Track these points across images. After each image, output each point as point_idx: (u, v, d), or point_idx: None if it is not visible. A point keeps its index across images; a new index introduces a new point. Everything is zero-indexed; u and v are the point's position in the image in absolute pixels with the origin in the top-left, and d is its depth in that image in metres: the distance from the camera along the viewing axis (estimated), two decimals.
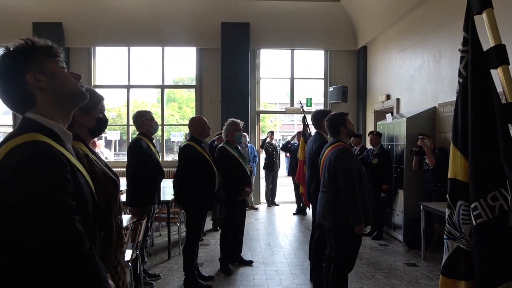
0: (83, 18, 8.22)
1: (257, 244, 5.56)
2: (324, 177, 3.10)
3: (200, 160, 3.72)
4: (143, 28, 8.38)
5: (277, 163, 8.65)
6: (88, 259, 1.05)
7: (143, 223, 3.49)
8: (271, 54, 9.41)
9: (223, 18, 8.26)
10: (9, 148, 1.01)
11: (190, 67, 9.14)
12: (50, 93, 1.15)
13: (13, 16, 8.02)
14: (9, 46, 1.12)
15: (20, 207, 0.96)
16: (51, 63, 1.17)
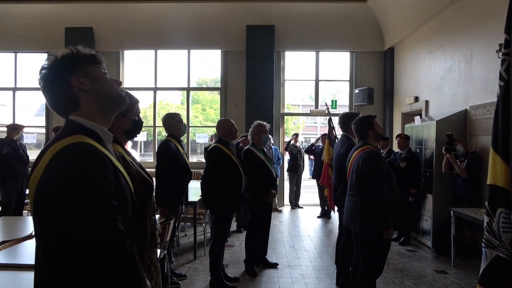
0: (112, 23, 8.45)
1: (281, 246, 5.54)
2: (352, 180, 3.07)
3: (228, 162, 3.75)
4: (169, 31, 8.53)
5: (301, 166, 8.61)
6: (129, 258, 1.08)
7: (171, 223, 3.54)
8: (296, 56, 9.38)
9: (248, 21, 8.31)
10: (56, 150, 1.06)
11: (214, 69, 9.23)
12: (92, 96, 1.20)
13: (47, 21, 8.33)
14: (56, 54, 1.19)
15: (66, 206, 1.00)
16: (94, 68, 1.23)
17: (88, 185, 1.02)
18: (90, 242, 1.01)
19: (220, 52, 8.81)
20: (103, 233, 1.02)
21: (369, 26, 8.39)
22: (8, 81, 9.11)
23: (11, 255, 2.68)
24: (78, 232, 1.00)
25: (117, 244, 1.04)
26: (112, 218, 1.04)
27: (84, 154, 1.05)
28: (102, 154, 1.10)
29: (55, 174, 1.03)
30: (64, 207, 1.00)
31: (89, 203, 1.01)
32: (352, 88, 8.80)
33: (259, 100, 8.25)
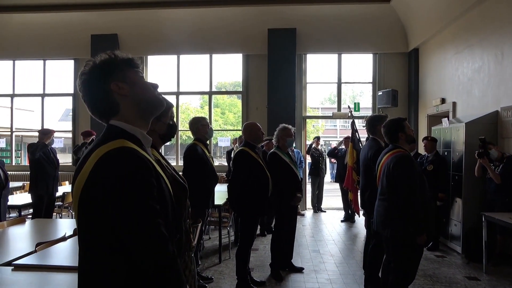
0: (136, 29, 8.62)
1: (306, 251, 5.49)
2: (382, 184, 3.01)
3: (254, 166, 3.75)
4: (192, 36, 8.64)
5: (323, 169, 8.53)
6: (172, 262, 1.09)
7: (199, 227, 3.56)
8: (317, 58, 9.33)
9: (270, 24, 8.32)
10: (100, 155, 1.07)
11: (235, 73, 9.28)
12: (131, 100, 1.21)
13: (74, 29, 8.57)
14: (95, 59, 1.21)
15: (111, 211, 1.02)
16: (132, 73, 1.24)
17: (132, 190, 1.03)
18: (133, 246, 1.02)
19: (242, 56, 8.85)
20: (147, 237, 1.03)
21: (392, 27, 8.26)
22: (37, 88, 9.41)
23: (45, 257, 2.74)
24: (122, 236, 1.02)
25: (160, 248, 1.05)
26: (155, 222, 1.05)
27: (127, 159, 1.07)
28: (144, 158, 1.11)
29: (99, 179, 1.04)
30: (108, 211, 1.02)
31: (133, 207, 1.02)
32: (375, 90, 8.68)
33: (281, 103, 8.24)
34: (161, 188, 1.15)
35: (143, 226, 1.03)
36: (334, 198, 10.50)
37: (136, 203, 1.03)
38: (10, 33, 8.82)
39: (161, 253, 1.05)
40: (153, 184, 1.09)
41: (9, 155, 9.81)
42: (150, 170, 1.10)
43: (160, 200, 1.12)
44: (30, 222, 4.20)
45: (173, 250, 1.09)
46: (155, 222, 1.05)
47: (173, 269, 1.09)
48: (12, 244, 3.33)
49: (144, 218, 1.03)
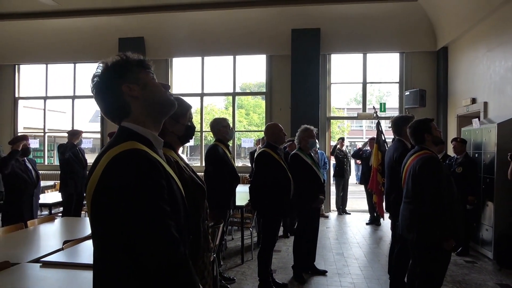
0: (162, 32, 8.77)
1: (329, 253, 5.41)
2: (408, 187, 2.92)
3: (276, 167, 3.73)
4: (216, 38, 8.70)
5: (348, 170, 8.40)
6: (183, 263, 1.08)
7: (220, 227, 3.57)
8: (342, 58, 9.19)
9: (294, 24, 8.27)
10: (111, 156, 1.08)
11: (259, 74, 9.29)
12: (142, 102, 1.21)
13: (102, 33, 8.82)
14: (107, 61, 1.23)
15: (121, 212, 1.02)
16: (143, 74, 1.25)
17: (142, 192, 1.03)
18: (143, 247, 1.02)
19: (265, 57, 8.84)
20: (156, 238, 1.03)
21: (420, 26, 8.03)
22: (68, 90, 9.75)
23: (72, 254, 2.82)
24: (132, 238, 1.02)
25: (171, 249, 1.05)
26: (165, 224, 1.05)
27: (137, 161, 1.07)
28: (155, 160, 1.11)
29: (110, 181, 1.05)
30: (118, 213, 1.02)
31: (143, 208, 1.03)
32: (402, 90, 8.46)
33: (305, 104, 8.17)
34: (172, 189, 1.15)
35: (153, 227, 1.03)
36: (359, 200, 10.33)
37: (146, 204, 1.03)
38: (43, 39, 9.17)
39: (172, 254, 1.04)
40: (163, 186, 1.09)
41: (42, 155, 10.19)
42: (160, 172, 1.10)
43: (171, 201, 1.12)
44: (59, 220, 4.35)
45: (184, 251, 1.09)
46: (165, 223, 1.05)
47: (185, 270, 1.08)
48: (41, 241, 3.45)
49: (153, 219, 1.03)
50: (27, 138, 4.77)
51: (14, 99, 9.68)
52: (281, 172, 3.75)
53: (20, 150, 4.60)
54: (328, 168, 8.42)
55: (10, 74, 9.69)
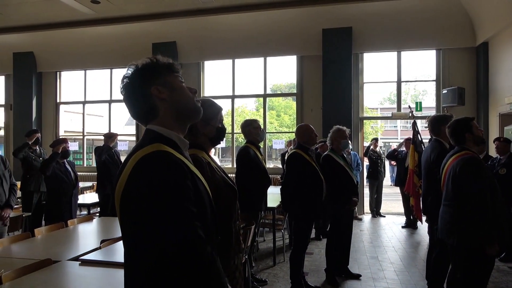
0: (193, 36, 8.93)
1: (363, 257, 5.28)
2: (447, 189, 2.79)
3: (308, 168, 3.68)
4: (246, 40, 8.75)
5: (382, 172, 8.18)
6: (210, 264, 1.08)
7: (252, 229, 3.57)
8: (375, 57, 8.98)
9: (324, 24, 8.17)
10: (138, 158, 1.10)
11: (289, 75, 9.26)
12: (170, 105, 1.23)
13: (137, 39, 9.09)
14: (137, 64, 1.25)
15: (148, 214, 1.04)
16: (172, 78, 1.26)
17: (168, 192, 1.04)
18: (171, 249, 1.03)
19: (296, 58, 8.78)
20: (183, 239, 1.03)
21: (458, 21, 7.70)
22: (105, 95, 10.13)
23: (109, 253, 2.91)
24: (158, 238, 1.03)
25: (198, 250, 1.05)
26: (192, 225, 1.06)
27: (163, 162, 1.08)
28: (180, 161, 1.12)
29: (136, 182, 1.07)
30: (145, 214, 1.04)
31: (169, 209, 1.04)
32: (439, 88, 8.14)
33: (337, 104, 8.04)
34: (198, 190, 1.16)
35: (179, 228, 1.03)
36: (394, 202, 10.05)
37: (171, 205, 1.04)
38: (82, 46, 9.58)
39: (198, 255, 1.05)
40: (189, 186, 1.10)
41: (81, 157, 10.64)
42: (185, 173, 1.11)
43: (197, 202, 1.12)
44: (97, 220, 4.51)
45: (211, 252, 1.09)
46: (191, 223, 1.06)
47: (212, 270, 1.09)
48: (80, 240, 3.59)
49: (179, 220, 1.04)
50: (66, 141, 4.99)
51: (55, 104, 10.16)
52: (313, 174, 3.70)
53: (60, 152, 4.80)
54: (361, 170, 8.23)
55: (52, 80, 10.19)
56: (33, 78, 9.88)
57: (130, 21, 8.70)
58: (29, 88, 9.84)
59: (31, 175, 5.57)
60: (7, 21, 8.83)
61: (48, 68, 10.08)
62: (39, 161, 5.57)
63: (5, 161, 3.83)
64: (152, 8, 8.16)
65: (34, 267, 2.47)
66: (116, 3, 7.80)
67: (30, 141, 5.77)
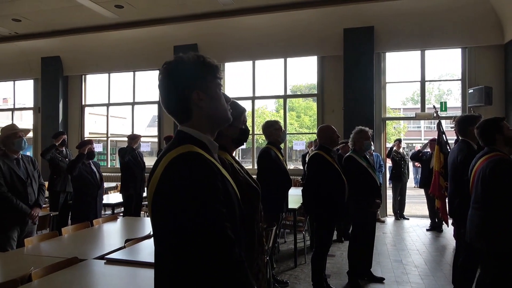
0: (214, 38, 8.99)
1: (386, 260, 5.18)
2: (477, 191, 2.70)
3: (330, 170, 3.64)
4: (267, 41, 8.74)
5: (406, 174, 8.01)
6: (239, 265, 1.08)
7: (273, 230, 3.56)
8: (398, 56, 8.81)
9: (346, 24, 8.08)
10: (170, 159, 1.11)
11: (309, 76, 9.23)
12: (205, 112, 1.23)
13: (159, 42, 9.23)
14: (184, 58, 1.22)
15: (179, 214, 1.05)
16: (214, 84, 1.25)
17: (198, 193, 1.05)
18: (200, 249, 1.03)
19: (316, 58, 8.72)
20: (213, 239, 1.04)
21: (484, 18, 7.46)
22: (128, 97, 10.34)
23: (133, 253, 2.96)
24: (188, 238, 1.04)
25: (227, 250, 1.05)
26: (221, 225, 1.06)
27: (194, 163, 1.09)
28: (210, 163, 1.13)
29: (167, 183, 1.08)
30: (175, 214, 1.05)
31: (199, 210, 1.04)
32: (464, 87, 7.91)
33: (358, 105, 7.93)
34: (228, 191, 1.16)
35: (209, 228, 1.04)
36: (418, 204, 9.83)
37: (202, 206, 1.05)
38: (106, 50, 9.81)
39: (227, 256, 1.05)
40: (219, 187, 1.11)
41: (105, 158, 10.88)
42: (216, 174, 1.12)
43: (227, 203, 1.13)
44: (121, 219, 4.60)
45: (239, 253, 1.09)
46: (221, 225, 1.06)
47: (240, 272, 1.08)
48: (105, 239, 3.67)
49: (209, 220, 1.04)
50: (92, 143, 5.11)
51: (81, 107, 10.44)
52: (334, 175, 3.65)
53: (86, 153, 4.92)
54: (384, 171, 8.09)
55: (77, 84, 10.48)
56: (59, 81, 10.19)
57: (152, 24, 8.84)
58: (56, 92, 10.15)
59: (57, 176, 5.74)
60: (36, 27, 9.13)
61: (74, 71, 10.36)
62: (66, 162, 5.73)
63: (34, 162, 3.95)
64: (173, 11, 8.27)
65: (61, 265, 2.54)
66: (138, 7, 7.95)
67: (57, 142, 5.94)
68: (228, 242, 1.06)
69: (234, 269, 1.06)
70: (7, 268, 2.72)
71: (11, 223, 3.62)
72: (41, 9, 7.99)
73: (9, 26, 9.02)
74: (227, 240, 1.05)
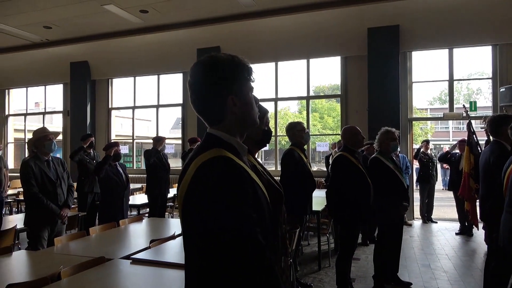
0: (236, 40, 9.04)
1: (414, 264, 5.04)
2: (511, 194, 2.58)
3: (354, 172, 3.58)
4: (289, 43, 8.72)
5: (434, 175, 7.78)
6: (270, 270, 1.07)
7: (297, 232, 3.53)
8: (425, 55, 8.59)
9: (370, 23, 7.95)
10: (199, 163, 1.11)
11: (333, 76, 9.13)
12: (237, 118, 1.21)
13: (182, 45, 9.38)
14: (217, 57, 1.20)
15: (209, 218, 1.04)
16: (247, 88, 1.24)
17: (228, 197, 1.04)
18: (231, 254, 1.02)
19: (340, 58, 8.61)
20: (244, 244, 1.03)
21: None
22: (153, 100, 10.53)
23: (158, 253, 3.00)
24: (219, 243, 1.03)
25: (258, 256, 1.04)
26: (252, 230, 1.05)
27: (224, 167, 1.08)
28: (240, 167, 1.12)
29: (197, 187, 1.08)
30: (206, 218, 1.04)
31: (230, 215, 1.03)
32: (495, 86, 7.61)
33: (383, 105, 7.77)
34: (257, 195, 1.15)
35: (239, 233, 1.03)
36: (446, 207, 9.54)
37: (232, 210, 1.04)
38: (131, 54, 10.05)
39: (258, 261, 1.04)
40: (249, 192, 1.09)
41: (131, 160, 11.12)
42: (245, 179, 1.11)
43: (257, 207, 1.11)
44: (146, 220, 4.68)
45: (270, 257, 1.07)
46: (252, 229, 1.05)
47: (271, 277, 1.07)
48: (131, 239, 3.74)
49: (240, 226, 1.03)
50: (118, 145, 5.23)
51: (108, 110, 10.72)
52: (359, 177, 3.59)
53: (112, 155, 5.04)
54: (411, 173, 7.89)
55: (104, 87, 10.77)
56: (87, 85, 10.51)
57: (176, 28, 8.99)
58: (84, 95, 10.48)
59: (85, 177, 5.90)
60: (65, 34, 9.46)
61: (101, 76, 10.67)
62: (93, 163, 5.88)
63: (64, 164, 4.09)
64: (196, 14, 8.37)
65: (89, 264, 2.61)
66: (162, 12, 8.09)
67: (85, 144, 6.10)
68: (259, 247, 1.04)
69: (265, 274, 1.05)
70: (38, 266, 2.82)
71: (42, 223, 3.75)
72: (70, 16, 8.27)
73: (40, 33, 9.39)
74: (258, 245, 1.04)
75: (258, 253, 1.04)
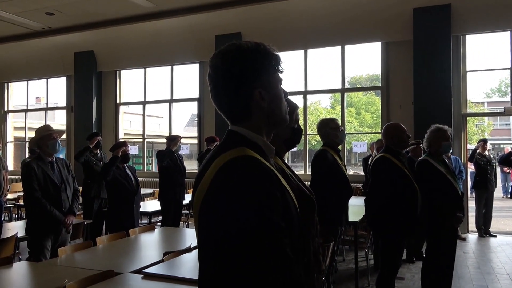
0: (260, 26, 9.06)
1: (469, 285, 4.96)
2: None
3: (398, 176, 3.53)
4: (321, 27, 8.66)
5: (492, 181, 7.61)
6: (298, 287, 1.05)
7: (331, 246, 3.50)
8: (481, 39, 8.37)
9: (416, 3, 7.81)
10: (222, 163, 1.10)
11: (372, 65, 9.02)
12: (265, 113, 1.21)
13: (198, 31, 9.48)
14: (242, 45, 1.20)
15: (231, 227, 1.03)
16: (275, 79, 1.24)
17: (255, 204, 1.03)
18: (254, 268, 1.01)
19: (380, 45, 8.50)
20: (269, 258, 1.02)
21: None
22: (165, 94, 10.69)
23: (172, 267, 3.05)
24: (241, 255, 1.02)
25: (285, 271, 1.03)
26: (279, 242, 1.04)
27: (250, 169, 1.08)
28: (268, 169, 1.11)
29: (219, 191, 1.07)
30: (227, 228, 1.03)
31: (255, 223, 1.02)
32: None
33: (432, 98, 7.63)
34: (286, 202, 1.13)
35: (265, 245, 1.02)
36: (507, 219, 9.31)
37: (258, 219, 1.02)
38: (142, 42, 10.23)
39: (286, 278, 1.03)
40: (278, 198, 1.08)
41: (141, 161, 11.33)
42: (274, 182, 1.10)
43: (285, 216, 1.10)
44: (158, 229, 4.76)
45: (299, 274, 1.07)
46: (280, 241, 1.04)
47: None
48: (142, 251, 3.81)
49: (266, 236, 1.02)
50: (126, 145, 5.33)
51: (115, 105, 10.96)
52: (405, 182, 3.53)
53: (120, 156, 5.14)
54: (465, 178, 7.71)
55: (112, 80, 11.02)
56: (93, 78, 10.78)
57: (191, 12, 9.07)
58: (89, 89, 10.75)
59: (92, 180, 6.05)
60: (68, 20, 9.72)
61: (108, 67, 10.92)
62: (100, 165, 6.01)
63: (69, 166, 4.20)
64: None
65: (97, 278, 2.67)
66: None
67: (91, 144, 6.25)
68: (287, 262, 1.03)
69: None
70: (41, 279, 2.91)
71: (44, 231, 3.88)
72: (74, 1, 8.49)
73: (42, 20, 9.69)
74: (285, 260, 1.03)
75: (285, 269, 1.03)
